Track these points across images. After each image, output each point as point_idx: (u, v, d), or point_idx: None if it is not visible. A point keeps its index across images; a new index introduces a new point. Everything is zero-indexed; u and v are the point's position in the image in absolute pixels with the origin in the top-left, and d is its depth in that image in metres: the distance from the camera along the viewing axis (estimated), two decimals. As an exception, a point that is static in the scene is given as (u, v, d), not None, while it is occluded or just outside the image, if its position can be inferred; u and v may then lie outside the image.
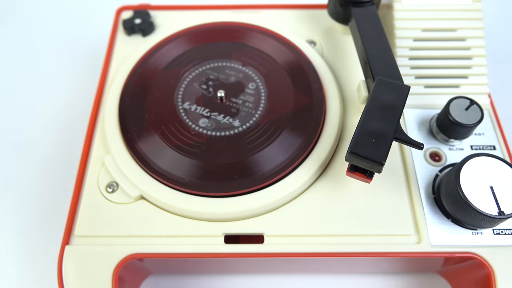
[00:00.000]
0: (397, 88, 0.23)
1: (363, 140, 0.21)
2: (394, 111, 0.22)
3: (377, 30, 0.27)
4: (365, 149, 0.21)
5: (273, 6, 0.35)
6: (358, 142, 0.21)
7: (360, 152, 0.21)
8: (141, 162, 0.26)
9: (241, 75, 0.30)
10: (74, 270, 0.23)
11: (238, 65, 0.30)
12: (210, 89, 0.29)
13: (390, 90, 0.23)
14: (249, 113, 0.28)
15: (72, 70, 0.41)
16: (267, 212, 0.25)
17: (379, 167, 0.20)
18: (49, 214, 0.32)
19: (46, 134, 0.36)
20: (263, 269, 0.29)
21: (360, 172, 0.22)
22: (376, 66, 0.25)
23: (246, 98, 0.28)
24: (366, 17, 0.27)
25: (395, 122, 0.22)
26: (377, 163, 0.20)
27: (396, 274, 0.29)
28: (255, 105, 0.28)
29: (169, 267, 0.28)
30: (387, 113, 0.22)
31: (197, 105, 0.28)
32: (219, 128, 0.27)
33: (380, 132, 0.21)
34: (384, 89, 0.23)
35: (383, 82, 0.23)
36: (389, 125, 0.21)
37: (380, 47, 0.26)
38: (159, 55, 0.31)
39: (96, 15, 0.45)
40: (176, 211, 0.25)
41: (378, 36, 0.26)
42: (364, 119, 0.22)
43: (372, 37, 0.26)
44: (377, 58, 0.25)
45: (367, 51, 0.26)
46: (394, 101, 0.22)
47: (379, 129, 0.21)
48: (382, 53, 0.25)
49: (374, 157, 0.20)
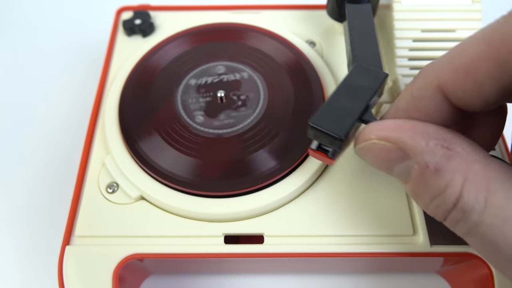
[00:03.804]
0: (374, 73, 0.22)
1: (326, 115, 0.20)
2: (366, 92, 0.21)
3: (366, 24, 0.26)
4: (325, 123, 0.20)
5: (273, 7, 0.35)
6: (320, 116, 0.20)
7: (319, 125, 0.20)
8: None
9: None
10: (75, 271, 0.23)
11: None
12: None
13: (366, 75, 0.22)
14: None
15: (72, 70, 0.41)
16: (267, 212, 0.25)
17: (338, 142, 0.20)
18: (49, 214, 0.32)
19: (46, 135, 0.36)
20: (263, 269, 0.29)
21: (322, 152, 0.21)
22: (357, 55, 0.24)
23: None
24: (358, 12, 0.27)
25: (364, 102, 0.21)
26: (335, 138, 0.20)
27: (396, 274, 0.29)
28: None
29: (169, 267, 0.28)
30: (357, 94, 0.21)
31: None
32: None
33: (345, 110, 0.20)
34: (360, 73, 0.22)
35: (361, 67, 0.23)
36: (356, 104, 0.21)
37: (366, 38, 0.25)
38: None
39: (96, 15, 0.45)
40: (176, 212, 0.25)
41: (366, 29, 0.26)
42: (332, 96, 0.21)
43: (360, 29, 0.26)
44: (361, 47, 0.25)
45: (352, 41, 0.25)
46: (368, 84, 0.22)
47: (345, 107, 0.21)
48: (367, 44, 0.25)
49: (333, 131, 0.20)
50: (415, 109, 0.18)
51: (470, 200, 0.15)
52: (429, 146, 0.16)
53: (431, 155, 0.16)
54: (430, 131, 0.16)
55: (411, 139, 0.16)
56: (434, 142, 0.16)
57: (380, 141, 0.17)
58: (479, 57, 0.16)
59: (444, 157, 0.15)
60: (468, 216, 0.15)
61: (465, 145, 0.16)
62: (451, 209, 0.15)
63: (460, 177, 0.15)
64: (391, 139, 0.17)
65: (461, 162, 0.15)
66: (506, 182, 0.15)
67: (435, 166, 0.15)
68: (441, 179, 0.15)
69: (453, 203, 0.15)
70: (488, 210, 0.14)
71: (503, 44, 0.15)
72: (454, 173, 0.15)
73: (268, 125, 0.27)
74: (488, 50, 0.15)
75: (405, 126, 0.17)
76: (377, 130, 0.18)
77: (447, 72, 0.17)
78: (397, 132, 0.17)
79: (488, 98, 0.16)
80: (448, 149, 0.16)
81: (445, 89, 0.17)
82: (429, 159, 0.16)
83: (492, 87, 0.16)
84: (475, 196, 0.15)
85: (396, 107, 0.19)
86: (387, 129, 0.17)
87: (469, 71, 0.16)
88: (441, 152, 0.16)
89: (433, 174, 0.16)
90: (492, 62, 0.15)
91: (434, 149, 0.16)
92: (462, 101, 0.17)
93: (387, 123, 0.18)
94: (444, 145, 0.16)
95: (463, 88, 0.16)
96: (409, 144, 0.16)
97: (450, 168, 0.15)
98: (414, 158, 0.16)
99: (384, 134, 0.17)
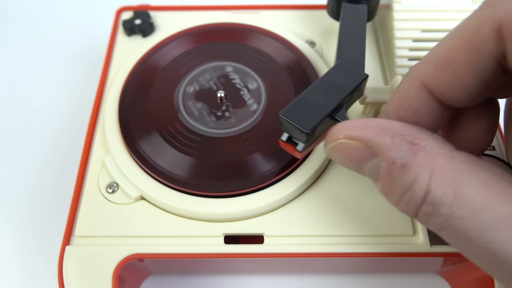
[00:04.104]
0: (354, 73, 0.22)
1: (297, 108, 0.21)
2: (341, 91, 0.21)
3: (357, 25, 0.27)
4: (295, 116, 0.20)
5: (273, 7, 0.35)
6: (291, 109, 0.21)
7: (288, 116, 0.20)
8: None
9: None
10: (75, 271, 0.23)
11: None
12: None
13: (346, 74, 0.22)
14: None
15: (72, 70, 0.41)
16: (267, 212, 0.25)
17: (304, 136, 0.20)
18: (49, 214, 0.32)
19: (46, 135, 0.36)
20: (263, 269, 0.29)
21: (290, 144, 0.21)
22: (342, 53, 0.25)
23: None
24: (353, 12, 0.28)
25: (338, 100, 0.21)
26: (302, 131, 0.20)
27: (396, 274, 0.29)
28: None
29: (169, 267, 0.28)
30: (333, 91, 0.21)
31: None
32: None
33: (317, 105, 0.21)
34: (340, 71, 0.22)
35: (342, 65, 0.23)
36: (329, 102, 0.21)
37: (354, 38, 0.26)
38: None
39: (96, 15, 0.45)
40: (176, 212, 0.25)
41: (357, 29, 0.26)
42: (307, 90, 0.21)
43: (350, 29, 0.26)
44: (347, 46, 0.25)
45: (340, 39, 0.26)
46: (346, 83, 0.22)
47: (318, 102, 0.21)
48: (353, 44, 0.25)
49: (300, 124, 0.20)
50: (403, 109, 0.19)
51: (438, 193, 0.15)
52: (395, 142, 0.16)
53: (397, 151, 0.16)
54: (395, 127, 0.16)
55: (376, 136, 0.16)
56: (399, 138, 0.16)
57: (347, 140, 0.17)
58: (455, 48, 0.16)
59: (409, 152, 0.16)
60: (438, 210, 0.15)
61: (430, 140, 0.16)
62: (420, 204, 0.15)
63: (427, 171, 0.15)
64: (357, 137, 0.17)
65: (426, 156, 0.15)
66: (473, 173, 0.15)
67: (401, 162, 0.16)
68: (408, 174, 0.15)
69: (422, 198, 0.15)
70: (457, 202, 0.14)
71: (475, 34, 0.15)
72: (420, 167, 0.15)
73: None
74: (463, 41, 0.16)
75: (370, 124, 0.17)
76: (344, 129, 0.18)
77: (428, 67, 0.17)
78: (363, 130, 0.17)
79: (470, 90, 0.16)
80: (413, 144, 0.16)
81: (428, 85, 0.18)
82: (395, 155, 0.16)
83: (471, 76, 0.16)
84: (443, 189, 0.15)
85: (386, 110, 0.20)
86: (353, 127, 0.17)
87: (447, 63, 0.17)
88: (406, 147, 0.16)
89: (400, 169, 0.16)
90: (466, 52, 0.16)
91: (400, 145, 0.16)
92: (446, 95, 0.17)
93: (353, 122, 0.18)
94: (409, 140, 0.16)
95: (444, 81, 0.17)
96: (375, 141, 0.16)
97: (416, 163, 0.15)
98: (381, 155, 0.16)
99: (350, 133, 0.17)
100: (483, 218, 0.14)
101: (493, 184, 0.14)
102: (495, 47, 0.15)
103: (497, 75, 0.16)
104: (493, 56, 0.15)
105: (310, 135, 0.20)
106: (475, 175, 0.15)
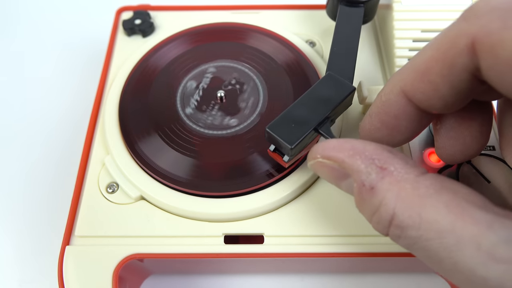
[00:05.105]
0: (341, 85, 0.23)
1: (284, 123, 0.22)
2: (327, 105, 0.22)
3: (352, 32, 0.27)
4: (280, 130, 0.21)
5: (273, 7, 0.35)
6: (278, 123, 0.22)
7: (274, 132, 0.21)
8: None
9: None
10: (75, 271, 0.23)
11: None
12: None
13: (333, 86, 0.23)
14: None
15: (72, 70, 0.41)
16: (267, 212, 0.25)
17: (288, 150, 0.21)
18: (49, 214, 0.32)
19: (46, 135, 0.36)
20: (263, 269, 0.29)
21: (278, 154, 0.23)
22: (332, 62, 0.25)
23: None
24: (348, 16, 0.28)
25: (323, 115, 0.22)
26: (286, 146, 0.21)
27: (396, 274, 0.29)
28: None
29: (169, 267, 0.28)
30: (319, 105, 0.22)
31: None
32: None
33: (303, 120, 0.22)
34: (328, 83, 0.23)
35: (331, 77, 0.23)
36: (315, 116, 0.22)
37: (346, 47, 0.26)
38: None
39: (95, 15, 0.45)
40: (176, 212, 0.25)
41: (350, 36, 0.26)
42: (294, 104, 0.22)
43: (343, 36, 0.27)
44: (338, 55, 0.25)
45: (333, 47, 0.26)
46: (332, 96, 0.23)
47: (304, 117, 0.22)
48: (345, 53, 0.26)
49: (285, 139, 0.21)
50: (384, 113, 0.19)
51: (404, 217, 0.16)
52: (365, 165, 0.17)
53: (366, 174, 0.17)
54: (367, 151, 0.17)
55: (349, 158, 0.18)
56: (370, 161, 0.17)
57: (324, 159, 0.19)
58: (432, 59, 0.17)
59: (378, 176, 0.17)
60: (406, 233, 0.16)
61: (399, 165, 0.17)
62: (388, 226, 0.16)
63: (392, 196, 0.16)
64: (332, 158, 0.18)
65: (392, 181, 0.16)
66: (438, 197, 0.15)
67: (370, 185, 0.17)
68: (375, 198, 0.16)
69: (389, 221, 0.16)
70: (424, 225, 0.15)
71: (450, 47, 0.16)
72: (387, 192, 0.16)
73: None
74: (439, 53, 0.17)
75: (345, 146, 0.18)
76: (322, 150, 0.19)
77: (407, 75, 0.18)
78: (338, 151, 0.18)
79: (445, 99, 0.17)
80: (382, 169, 0.17)
81: (407, 92, 0.18)
82: (364, 178, 0.17)
83: (446, 87, 0.17)
84: (408, 213, 0.15)
85: (369, 113, 0.21)
86: (330, 148, 0.18)
87: (425, 72, 0.17)
88: (375, 171, 0.17)
89: (368, 192, 0.17)
90: (442, 63, 0.16)
91: (369, 169, 0.17)
92: (423, 103, 0.18)
93: (330, 142, 0.19)
94: (379, 164, 0.17)
95: (421, 89, 0.18)
96: (348, 163, 0.18)
97: (383, 187, 0.16)
98: (352, 176, 0.17)
99: (327, 153, 0.18)
100: (450, 240, 0.14)
101: (457, 207, 0.15)
102: (469, 61, 0.16)
103: (472, 85, 0.16)
104: (466, 69, 0.16)
105: (294, 149, 0.21)
106: (440, 199, 0.15)
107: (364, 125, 0.21)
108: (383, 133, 0.20)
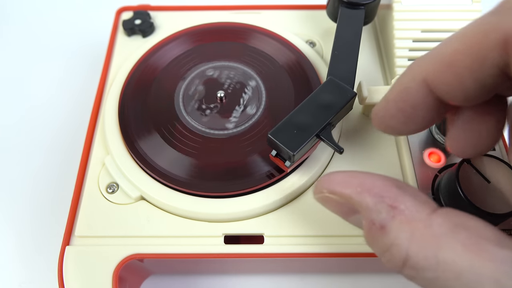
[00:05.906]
0: (342, 90, 0.23)
1: (286, 129, 0.22)
2: (328, 111, 0.23)
3: (352, 35, 0.27)
4: (283, 137, 0.22)
5: (273, 7, 0.35)
6: (280, 129, 0.22)
7: (277, 138, 0.22)
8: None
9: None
10: (75, 271, 0.23)
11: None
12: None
13: (335, 91, 0.23)
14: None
15: (72, 70, 0.41)
16: (267, 212, 0.25)
17: (291, 156, 0.22)
18: (49, 214, 0.32)
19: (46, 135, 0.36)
20: (263, 269, 0.29)
21: (279, 159, 0.23)
22: (334, 67, 0.25)
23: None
24: (349, 19, 0.28)
25: (324, 121, 0.22)
26: (288, 152, 0.21)
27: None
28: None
29: (169, 267, 0.28)
30: (320, 111, 0.22)
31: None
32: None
33: (305, 126, 0.22)
34: (329, 88, 0.23)
35: (332, 83, 0.24)
36: (316, 122, 0.22)
37: (347, 51, 0.26)
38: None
39: (96, 15, 0.45)
40: (176, 212, 0.25)
41: (351, 41, 0.27)
42: (296, 110, 0.23)
43: (344, 40, 0.27)
44: (339, 59, 0.26)
45: (334, 51, 0.26)
46: (333, 102, 0.23)
47: (305, 123, 0.22)
48: (346, 57, 0.26)
49: (287, 146, 0.21)
50: (402, 101, 0.19)
51: (419, 259, 0.15)
52: (374, 203, 0.16)
53: (376, 212, 0.16)
54: (376, 188, 0.17)
55: (358, 196, 0.17)
56: (379, 199, 0.16)
57: (330, 194, 0.18)
58: (461, 51, 0.16)
59: (388, 215, 0.16)
60: (422, 274, 0.15)
61: (409, 202, 0.16)
62: (401, 266, 0.16)
63: (405, 236, 0.15)
64: (339, 194, 0.18)
65: (403, 220, 0.16)
66: (453, 236, 0.15)
67: (380, 224, 0.16)
68: (386, 237, 0.16)
69: (402, 262, 0.16)
70: (441, 267, 0.15)
71: (481, 41, 0.15)
72: (398, 232, 0.16)
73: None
74: (470, 45, 0.16)
75: (352, 182, 0.17)
76: (328, 184, 0.18)
77: (432, 65, 0.18)
78: (345, 187, 0.17)
79: (468, 92, 0.17)
80: (392, 207, 0.16)
81: (430, 82, 0.18)
82: (375, 217, 0.16)
83: (472, 81, 0.16)
84: (424, 255, 0.15)
85: (386, 98, 0.20)
86: (336, 183, 0.18)
87: (451, 64, 0.17)
88: (385, 209, 0.16)
89: (378, 231, 0.16)
90: (473, 57, 0.16)
91: (380, 207, 0.16)
92: (445, 94, 0.17)
93: (336, 176, 0.18)
94: (389, 203, 0.16)
95: (445, 81, 0.17)
96: (356, 200, 0.17)
97: (394, 227, 0.16)
98: (361, 213, 0.17)
99: (333, 188, 0.18)
100: (470, 280, 0.14)
101: (473, 245, 0.15)
102: (499, 57, 0.15)
103: (499, 80, 0.16)
104: (497, 65, 0.15)
105: (296, 156, 0.21)
106: (456, 237, 0.15)
107: (378, 110, 0.20)
108: (398, 121, 0.19)
